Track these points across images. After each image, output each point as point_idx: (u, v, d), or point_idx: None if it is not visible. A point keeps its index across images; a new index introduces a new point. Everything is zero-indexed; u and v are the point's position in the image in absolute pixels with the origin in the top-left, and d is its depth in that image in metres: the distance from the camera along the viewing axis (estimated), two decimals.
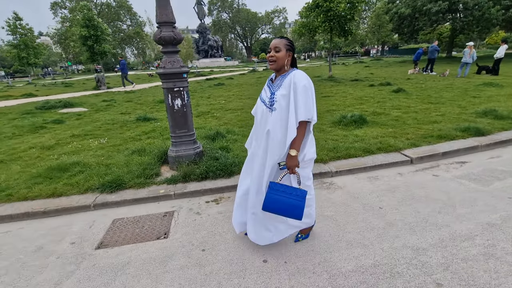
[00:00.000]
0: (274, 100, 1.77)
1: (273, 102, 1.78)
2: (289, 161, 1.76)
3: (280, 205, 1.76)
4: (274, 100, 1.77)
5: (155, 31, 3.26)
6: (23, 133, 6.11)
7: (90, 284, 1.94)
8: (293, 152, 1.74)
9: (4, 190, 3.28)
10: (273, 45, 1.75)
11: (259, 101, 1.93)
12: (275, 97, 1.77)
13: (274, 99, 1.77)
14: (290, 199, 1.76)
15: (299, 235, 2.23)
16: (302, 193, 1.79)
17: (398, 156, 3.80)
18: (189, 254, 2.17)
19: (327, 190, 3.12)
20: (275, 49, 1.75)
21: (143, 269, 2.04)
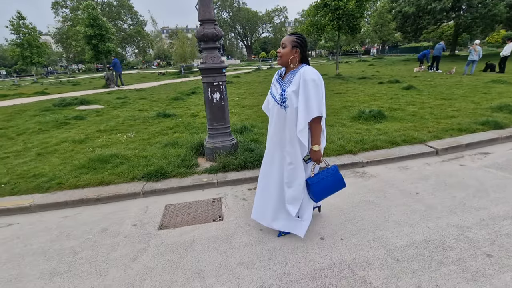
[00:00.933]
0: (285, 97, 1.81)
1: (285, 99, 1.82)
2: (313, 155, 1.92)
3: (327, 188, 2.00)
4: (285, 97, 1.81)
5: (198, 29, 3.42)
6: (48, 128, 6.27)
7: (165, 258, 2.11)
8: (316, 148, 1.89)
9: (54, 179, 3.45)
10: (282, 42, 1.85)
11: (270, 97, 1.99)
12: (286, 94, 1.81)
13: (285, 96, 1.81)
14: (328, 180, 1.99)
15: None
16: (333, 168, 2.03)
17: (423, 147, 3.98)
18: (249, 233, 2.35)
19: (361, 179, 3.30)
20: (282, 45, 1.83)
21: (210, 246, 2.22)
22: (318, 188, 1.97)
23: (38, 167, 3.89)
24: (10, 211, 2.97)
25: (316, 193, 1.98)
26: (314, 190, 1.97)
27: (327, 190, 2.01)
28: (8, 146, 5.07)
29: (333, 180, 1.99)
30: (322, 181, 1.97)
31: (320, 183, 1.97)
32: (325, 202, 2.79)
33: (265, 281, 1.83)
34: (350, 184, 3.17)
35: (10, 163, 4.16)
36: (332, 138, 4.34)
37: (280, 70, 2.00)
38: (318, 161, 1.94)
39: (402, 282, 1.74)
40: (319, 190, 1.98)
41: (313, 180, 1.97)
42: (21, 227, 2.70)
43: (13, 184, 3.41)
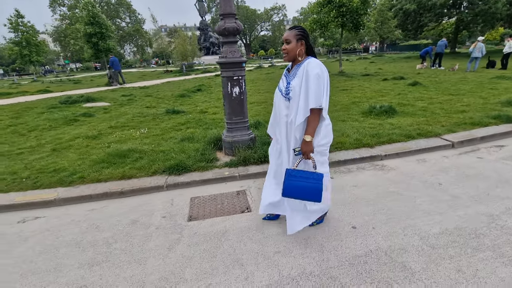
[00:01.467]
0: (289, 89, 1.83)
1: (289, 91, 1.84)
2: (303, 146, 1.79)
3: (299, 190, 1.80)
4: (289, 90, 1.83)
5: (219, 23, 3.42)
6: (59, 125, 6.26)
7: (200, 248, 2.14)
8: (307, 138, 1.77)
9: (75, 173, 3.46)
10: (284, 38, 1.81)
11: (277, 91, 2.00)
12: (290, 86, 1.83)
13: (290, 89, 1.83)
14: (308, 183, 1.79)
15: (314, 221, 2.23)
16: (318, 176, 1.81)
17: (439, 140, 4.02)
18: (279, 224, 2.38)
19: (381, 171, 3.33)
20: (286, 41, 1.81)
21: (243, 236, 2.24)
22: (293, 184, 1.81)
23: (57, 162, 3.90)
24: (35, 204, 2.98)
25: (288, 188, 1.82)
26: (288, 184, 1.82)
27: (300, 192, 1.81)
28: (21, 142, 5.06)
29: (313, 188, 1.79)
30: (300, 180, 1.81)
31: (297, 180, 1.81)
32: (350, 193, 2.84)
33: (305, 268, 1.86)
34: (372, 176, 3.20)
35: (26, 159, 4.16)
36: (347, 132, 4.38)
37: (289, 65, 2.00)
38: (307, 155, 1.80)
39: (442, 267, 1.77)
40: (292, 187, 1.82)
41: (293, 173, 1.83)
42: (48, 220, 2.72)
43: (34, 178, 3.42)
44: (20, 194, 3.13)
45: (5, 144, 5.00)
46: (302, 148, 1.81)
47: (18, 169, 3.74)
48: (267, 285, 1.74)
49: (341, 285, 1.70)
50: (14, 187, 3.27)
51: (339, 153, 3.75)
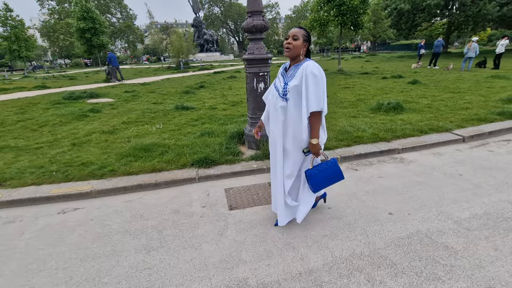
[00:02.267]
0: (287, 90, 1.86)
1: (286, 92, 1.87)
2: (312, 148, 1.92)
3: (326, 180, 2.03)
4: (287, 90, 1.86)
5: (247, 19, 3.52)
6: (69, 120, 6.23)
7: (250, 233, 2.26)
8: (314, 141, 1.89)
9: (105, 166, 3.52)
10: (292, 33, 1.83)
11: (273, 88, 2.04)
12: (288, 87, 1.85)
13: (287, 90, 1.86)
14: (328, 172, 2.01)
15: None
16: (332, 161, 2.05)
17: (450, 135, 4.24)
18: (319, 211, 2.52)
19: (402, 164, 3.52)
20: (293, 37, 1.82)
21: (290, 222, 2.38)
22: (317, 179, 2.00)
23: (81, 156, 3.93)
24: (71, 196, 3.03)
25: (315, 184, 2.01)
26: (313, 182, 2.01)
27: (325, 181, 2.04)
28: (36, 137, 5.04)
29: (332, 172, 2.02)
30: (321, 173, 2.00)
31: (318, 175, 2.00)
32: (377, 183, 3.00)
33: (354, 249, 2.01)
34: (394, 168, 3.39)
35: (48, 153, 4.17)
36: (362, 127, 4.55)
37: (285, 64, 2.03)
38: (317, 154, 1.94)
39: (480, 246, 1.95)
40: (317, 182, 2.01)
41: (312, 172, 2.00)
42: (89, 211, 2.78)
43: (64, 171, 3.46)
44: (54, 186, 3.17)
45: (20, 139, 4.97)
46: (311, 150, 1.93)
47: (43, 163, 3.76)
48: (323, 265, 1.88)
49: (392, 263, 1.86)
50: (45, 180, 3.30)
51: (359, 147, 3.92)
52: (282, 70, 2.02)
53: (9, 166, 3.71)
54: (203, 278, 1.84)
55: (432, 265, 1.81)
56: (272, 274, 1.83)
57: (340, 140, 4.10)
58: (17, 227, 2.57)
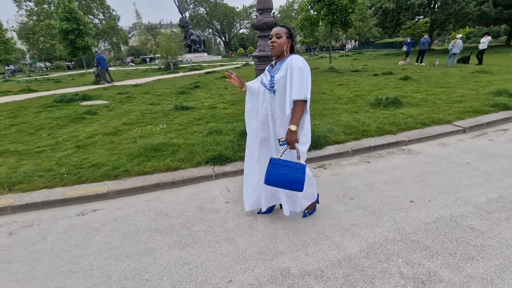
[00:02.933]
0: (273, 82, 1.90)
1: (273, 84, 1.90)
2: (289, 136, 1.82)
3: (282, 178, 1.84)
4: (273, 83, 1.90)
5: (258, 17, 3.55)
6: (66, 123, 6.06)
7: (280, 225, 2.30)
8: (293, 127, 1.79)
9: (117, 167, 3.46)
10: (275, 32, 1.90)
11: (260, 86, 2.05)
12: (275, 79, 1.89)
13: (274, 82, 1.90)
14: (291, 173, 1.84)
15: (305, 211, 2.40)
16: (302, 166, 1.87)
17: (451, 127, 4.43)
18: (343, 203, 2.59)
19: (411, 155, 3.65)
20: (276, 35, 1.90)
21: (315, 213, 2.43)
22: (276, 172, 1.85)
23: (90, 158, 3.85)
24: (88, 198, 2.97)
25: (271, 176, 1.86)
26: (271, 172, 1.86)
27: (282, 180, 1.85)
28: (35, 141, 4.88)
29: (294, 177, 1.84)
30: (284, 169, 1.85)
31: (280, 169, 1.85)
32: (392, 174, 3.10)
33: (387, 235, 2.08)
34: (404, 159, 3.51)
35: (52, 156, 4.06)
36: (367, 122, 4.67)
37: (272, 63, 2.09)
38: (292, 144, 1.83)
39: (503, 226, 2.07)
40: (275, 175, 1.85)
41: (277, 162, 1.87)
42: (110, 211, 2.74)
43: (76, 173, 3.38)
44: (67, 188, 3.10)
45: (18, 143, 4.80)
46: (287, 138, 1.83)
47: (50, 166, 3.66)
48: (359, 251, 1.95)
49: (425, 246, 1.94)
50: (57, 182, 3.22)
51: (367, 140, 4.03)
52: (269, 67, 2.08)
53: (15, 171, 3.59)
54: (245, 269, 1.86)
55: (463, 246, 1.90)
56: (313, 263, 1.87)
57: (348, 134, 4.20)
58: (37, 230, 2.50)
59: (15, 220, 2.71)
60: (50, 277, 1.92)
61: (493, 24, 24.76)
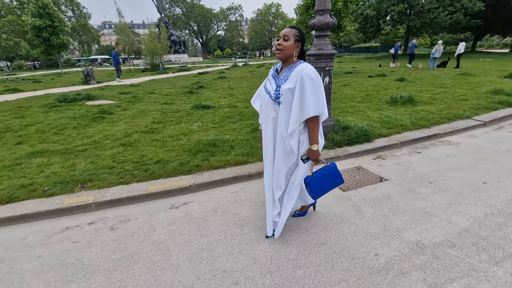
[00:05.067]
0: (279, 93, 1.73)
1: (279, 95, 1.74)
2: (311, 155, 1.83)
3: (326, 186, 1.95)
4: (279, 94, 1.73)
5: (316, 18, 3.74)
6: (87, 123, 5.81)
7: (384, 207, 2.50)
8: (314, 147, 1.80)
9: (186, 163, 3.47)
10: (283, 34, 1.72)
11: (263, 91, 1.91)
12: (281, 90, 1.73)
13: (280, 93, 1.73)
14: (328, 177, 1.92)
15: (296, 211, 2.45)
16: (332, 166, 1.94)
17: (472, 121, 4.93)
18: (425, 186, 2.86)
19: (451, 145, 4.04)
20: (284, 37, 1.71)
21: (401, 197, 2.67)
22: (317, 186, 1.91)
23: (147, 155, 3.80)
24: (170, 192, 2.97)
25: (315, 191, 1.93)
26: (313, 189, 1.92)
27: (325, 187, 1.95)
28: (68, 140, 4.67)
29: (332, 177, 1.92)
30: (320, 179, 1.91)
31: (318, 181, 1.90)
32: (448, 161, 3.44)
33: (484, 211, 2.37)
34: (448, 149, 3.88)
35: (101, 154, 3.94)
36: (399, 117, 5.05)
37: (276, 65, 1.92)
38: (317, 160, 1.85)
39: None
40: (317, 188, 1.93)
41: (312, 179, 1.90)
42: (202, 203, 2.78)
43: (145, 170, 3.34)
44: (146, 184, 3.07)
45: (50, 142, 4.56)
46: (311, 157, 1.85)
47: (108, 164, 3.57)
48: (470, 224, 2.21)
49: None
50: (130, 179, 3.17)
51: (408, 133, 4.37)
52: (273, 72, 1.89)
53: (72, 169, 3.46)
54: (382, 244, 2.04)
55: None
56: (438, 236, 2.10)
57: (389, 128, 4.52)
58: (139, 224, 2.48)
59: (106, 216, 2.65)
60: (193, 263, 1.96)
61: (460, 32, 27.16)
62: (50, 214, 2.68)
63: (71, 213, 2.73)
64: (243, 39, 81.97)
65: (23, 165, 3.66)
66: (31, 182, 3.12)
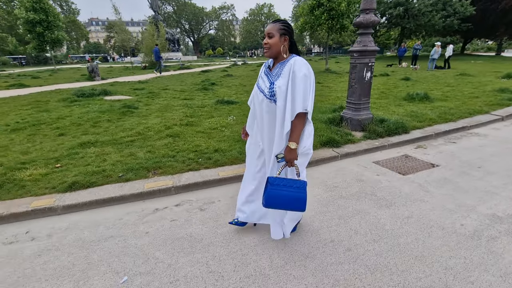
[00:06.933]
0: (274, 90, 1.65)
1: (273, 92, 1.65)
2: (288, 154, 1.64)
3: (282, 199, 1.65)
4: (274, 91, 1.65)
5: (361, 16, 3.98)
6: (118, 116, 5.85)
7: (448, 187, 2.77)
8: (292, 145, 1.62)
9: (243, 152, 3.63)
10: (267, 31, 1.64)
11: (256, 90, 1.81)
12: (275, 87, 1.64)
13: (274, 90, 1.64)
14: (291, 192, 1.65)
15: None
16: (302, 184, 1.69)
17: (491, 116, 5.31)
18: (476, 170, 3.15)
19: (479, 136, 4.39)
20: (268, 35, 1.63)
21: (457, 180, 2.95)
22: (276, 193, 1.65)
23: (201, 145, 3.93)
24: (240, 177, 3.14)
25: (270, 197, 1.65)
26: (270, 193, 1.65)
27: (282, 202, 1.66)
28: (111, 131, 4.72)
29: (295, 197, 1.66)
30: (283, 189, 1.65)
31: (280, 189, 1.65)
32: (486, 150, 3.76)
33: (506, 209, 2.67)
34: (480, 140, 4.22)
35: (153, 144, 4.05)
36: (424, 112, 5.38)
37: (268, 61, 1.84)
38: (291, 162, 1.66)
39: None
40: (274, 196, 1.65)
41: (275, 182, 1.66)
42: None
43: (208, 158, 3.49)
44: (214, 170, 3.22)
45: (92, 134, 4.62)
46: (286, 156, 1.65)
47: (166, 153, 3.69)
48: None
49: None
50: (197, 166, 3.31)
51: (438, 126, 4.70)
52: (265, 69, 1.80)
53: (135, 158, 3.56)
54: (461, 216, 2.30)
55: None
56: (507, 209, 2.38)
57: (420, 122, 4.83)
58: (226, 205, 2.65)
59: (188, 199, 2.80)
60: None
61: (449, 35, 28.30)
62: (133, 198, 2.80)
63: (152, 197, 2.85)
64: (235, 38, 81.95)
65: (80, 154, 3.73)
66: (100, 169, 3.21)
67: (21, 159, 3.57)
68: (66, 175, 3.10)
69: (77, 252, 2.06)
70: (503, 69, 13.34)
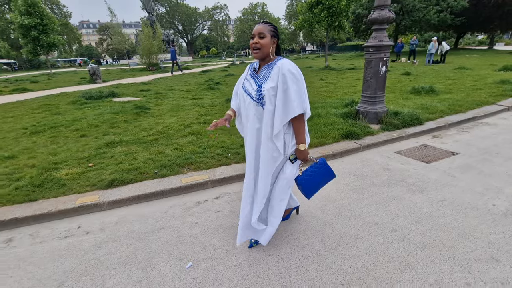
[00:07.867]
0: (262, 93, 1.61)
1: (261, 95, 1.61)
2: (299, 154, 1.74)
3: (317, 183, 1.86)
4: (262, 94, 1.61)
5: (376, 12, 4.12)
6: (133, 117, 5.91)
7: (473, 172, 2.92)
8: (301, 147, 1.71)
9: None
10: (257, 31, 1.59)
11: (242, 93, 1.75)
12: (263, 90, 1.61)
13: (262, 93, 1.61)
14: (318, 174, 1.83)
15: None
16: (321, 162, 1.84)
17: (497, 106, 5.51)
18: (494, 156, 3.31)
19: (490, 126, 4.57)
20: (259, 35, 1.59)
21: (479, 166, 3.11)
22: (309, 185, 1.83)
23: (225, 142, 4.04)
24: None
25: (308, 190, 1.85)
26: (305, 188, 1.84)
27: (318, 184, 1.87)
28: (132, 131, 4.80)
29: (324, 174, 1.84)
30: (311, 177, 1.82)
31: (310, 180, 1.82)
32: (499, 138, 3.94)
33: None
34: (492, 128, 4.40)
35: (177, 142, 4.14)
36: (433, 105, 5.55)
37: (253, 64, 1.79)
38: (305, 159, 1.78)
39: None
40: (310, 187, 1.84)
41: (303, 179, 1.82)
42: None
43: (236, 153, 3.60)
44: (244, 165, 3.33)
45: (114, 134, 4.69)
46: (299, 157, 1.76)
47: (193, 150, 3.78)
48: None
49: None
50: (228, 161, 3.42)
51: (450, 117, 4.88)
52: (251, 71, 1.76)
53: (164, 155, 3.65)
54: (493, 197, 2.45)
55: None
56: None
57: (431, 113, 5.00)
58: None
59: (226, 192, 2.91)
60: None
61: (442, 30, 28.74)
62: (173, 192, 2.90)
63: (190, 191, 2.96)
64: (229, 38, 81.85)
65: (108, 153, 3.80)
66: (134, 167, 3.30)
67: (51, 159, 3.64)
68: (102, 173, 3.18)
69: (135, 243, 2.16)
70: (498, 62, 13.66)
